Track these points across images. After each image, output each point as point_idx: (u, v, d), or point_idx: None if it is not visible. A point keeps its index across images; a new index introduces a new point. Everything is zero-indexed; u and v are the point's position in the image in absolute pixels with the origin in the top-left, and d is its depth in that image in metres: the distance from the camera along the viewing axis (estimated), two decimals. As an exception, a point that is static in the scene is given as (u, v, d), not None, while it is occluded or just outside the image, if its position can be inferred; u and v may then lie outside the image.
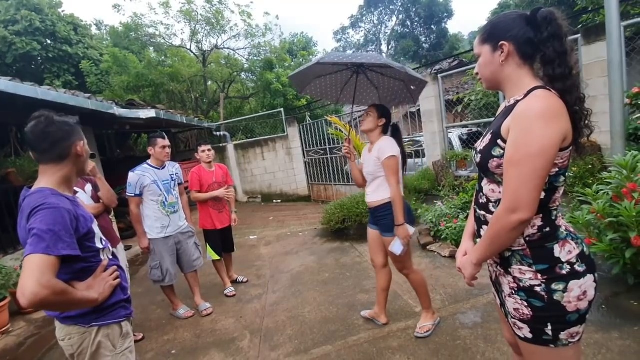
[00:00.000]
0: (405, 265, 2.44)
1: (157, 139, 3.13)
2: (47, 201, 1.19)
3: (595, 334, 2.13)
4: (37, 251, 1.09)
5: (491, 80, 1.18)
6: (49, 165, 1.30)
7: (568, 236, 1.09)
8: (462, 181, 5.22)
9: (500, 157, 1.08)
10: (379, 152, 2.31)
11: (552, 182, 1.06)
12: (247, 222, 7.30)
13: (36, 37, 11.28)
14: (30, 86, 3.83)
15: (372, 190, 2.42)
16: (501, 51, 1.10)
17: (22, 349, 3.15)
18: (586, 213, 2.63)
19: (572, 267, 1.05)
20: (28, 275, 1.06)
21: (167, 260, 3.15)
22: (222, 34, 12.91)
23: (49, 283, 1.07)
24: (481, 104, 6.86)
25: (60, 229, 1.15)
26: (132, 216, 3.11)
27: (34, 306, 1.07)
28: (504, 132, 1.07)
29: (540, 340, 1.08)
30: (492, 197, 1.16)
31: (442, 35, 23.65)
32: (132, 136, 11.34)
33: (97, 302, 1.29)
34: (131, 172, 3.07)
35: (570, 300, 1.04)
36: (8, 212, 4.54)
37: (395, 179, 2.27)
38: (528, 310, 1.08)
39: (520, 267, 1.10)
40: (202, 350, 2.73)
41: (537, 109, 0.99)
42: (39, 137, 1.27)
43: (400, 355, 2.30)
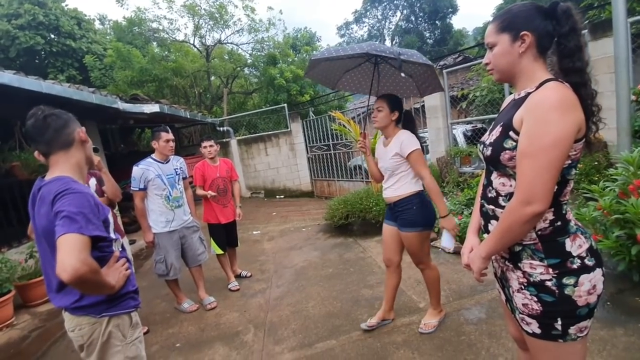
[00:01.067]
0: (423, 259, 2.39)
1: (161, 133, 3.13)
2: (71, 186, 1.24)
3: (600, 330, 2.12)
4: (71, 230, 1.13)
5: (505, 71, 1.14)
6: (58, 155, 1.33)
7: (578, 230, 1.09)
8: (467, 177, 5.20)
9: (512, 149, 1.07)
10: (401, 148, 2.24)
11: (564, 174, 1.05)
12: (251, 217, 7.31)
13: (40, 32, 11.28)
14: (34, 80, 3.83)
15: (391, 185, 2.37)
16: (522, 41, 1.08)
17: (26, 342, 3.17)
18: (592, 210, 2.61)
19: (583, 261, 1.05)
20: (67, 253, 1.10)
21: (172, 254, 3.16)
22: (225, 28, 12.87)
23: (87, 260, 1.13)
24: (486, 100, 6.82)
25: (88, 211, 1.21)
26: (137, 210, 3.12)
27: (73, 282, 1.10)
28: (516, 124, 1.06)
29: (549, 335, 1.08)
30: (502, 191, 1.15)
31: (446, 30, 23.49)
32: (135, 131, 11.36)
33: (114, 290, 1.31)
34: (135, 166, 3.07)
35: (580, 295, 1.03)
36: (12, 205, 4.57)
37: (427, 170, 2.23)
38: (537, 306, 1.08)
39: (531, 261, 1.09)
40: (206, 344, 2.75)
41: (552, 99, 0.98)
42: (42, 127, 1.31)
43: (404, 350, 2.30)
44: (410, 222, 2.29)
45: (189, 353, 2.65)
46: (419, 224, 2.29)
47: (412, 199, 2.29)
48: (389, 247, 2.50)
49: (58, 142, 1.33)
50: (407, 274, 3.39)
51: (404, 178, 2.31)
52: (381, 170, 2.46)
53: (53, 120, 1.32)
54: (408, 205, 2.29)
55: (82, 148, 1.39)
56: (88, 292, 1.28)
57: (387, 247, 2.51)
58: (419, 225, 2.30)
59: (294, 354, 2.45)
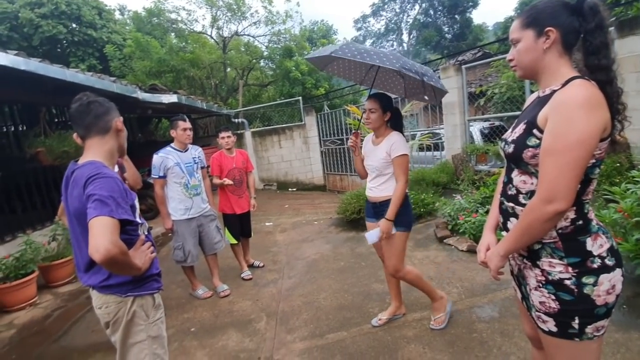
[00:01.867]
0: (398, 268, 2.34)
1: (179, 121, 3.21)
2: (103, 171, 1.29)
3: (615, 333, 2.09)
4: (103, 213, 1.18)
5: (529, 67, 1.13)
6: (94, 139, 1.40)
7: (599, 230, 1.08)
8: (482, 175, 5.13)
9: (535, 147, 1.06)
10: (391, 149, 2.24)
11: (587, 173, 1.04)
12: (263, 209, 7.38)
13: (62, 21, 11.52)
14: (59, 68, 3.93)
15: (377, 186, 2.36)
16: (546, 37, 1.07)
17: (48, 321, 3.32)
18: (613, 212, 2.55)
19: (603, 261, 1.04)
20: (100, 234, 1.16)
21: (190, 241, 3.24)
22: (242, 20, 12.91)
23: (117, 242, 1.18)
24: (504, 97, 6.67)
25: (117, 196, 1.26)
26: (157, 197, 3.20)
27: (105, 262, 1.16)
28: (541, 122, 1.05)
29: (566, 334, 1.08)
30: (523, 189, 1.14)
31: (465, 25, 22.95)
32: (152, 121, 11.56)
33: (141, 272, 1.37)
34: (155, 155, 3.16)
35: (599, 294, 1.03)
36: (37, 190, 4.74)
37: (405, 178, 2.25)
38: (555, 304, 1.08)
39: (551, 259, 1.09)
40: (220, 329, 2.82)
41: (578, 97, 0.97)
42: (84, 112, 1.38)
43: (415, 344, 2.31)
44: (397, 221, 2.26)
45: (204, 338, 2.72)
46: (403, 224, 2.29)
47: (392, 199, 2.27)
48: (376, 244, 2.46)
49: (96, 128, 1.40)
50: (419, 269, 3.39)
51: (391, 179, 2.31)
52: (367, 168, 2.43)
53: (95, 106, 1.40)
54: None
55: (117, 136, 1.46)
56: (117, 272, 1.34)
57: (376, 244, 2.47)
58: (403, 225, 2.29)
59: (305, 343, 2.50)
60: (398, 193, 2.23)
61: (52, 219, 4.53)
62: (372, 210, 2.46)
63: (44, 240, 4.06)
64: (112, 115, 1.44)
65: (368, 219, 2.54)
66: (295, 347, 2.47)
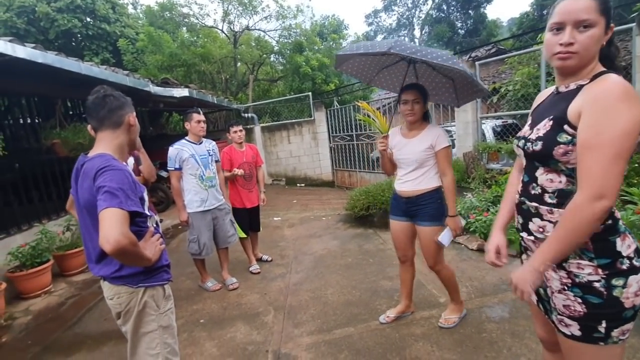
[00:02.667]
0: (439, 258, 2.34)
1: (193, 114, 3.25)
2: (112, 163, 1.31)
3: (632, 337, 2.05)
4: (113, 205, 1.20)
5: (588, 59, 1.02)
6: (106, 132, 1.42)
7: (626, 230, 1.06)
8: (494, 174, 5.05)
9: (567, 144, 1.02)
10: (437, 142, 2.20)
11: None
12: (271, 203, 7.41)
13: (77, 15, 11.65)
14: (74, 61, 3.99)
15: (414, 179, 2.28)
16: (608, 32, 1.03)
17: (63, 308, 3.40)
18: (630, 214, 2.51)
19: (632, 262, 1.02)
20: (110, 226, 1.17)
21: (205, 234, 3.28)
22: (253, 14, 12.87)
23: (128, 233, 1.20)
24: (518, 95, 6.53)
25: (127, 188, 1.28)
26: (173, 189, 3.25)
27: (115, 253, 1.18)
28: (573, 117, 1.01)
29: (590, 338, 1.05)
30: (549, 187, 1.10)
31: (479, 20, 22.52)
32: (163, 115, 11.66)
33: (151, 263, 1.39)
34: (170, 147, 3.22)
35: (628, 297, 1.01)
36: (52, 180, 4.84)
37: (451, 169, 2.23)
38: (581, 307, 1.04)
39: (580, 261, 1.05)
40: (228, 321, 2.85)
41: (618, 90, 0.94)
42: (99, 105, 1.41)
43: (423, 342, 2.30)
44: (432, 216, 2.26)
45: (213, 329, 2.76)
46: (441, 219, 2.27)
47: (435, 193, 2.27)
48: (402, 242, 2.45)
49: (108, 121, 1.42)
50: (427, 268, 3.37)
51: (429, 172, 2.26)
52: (399, 161, 2.36)
53: (110, 100, 1.42)
54: (432, 200, 2.25)
55: (128, 131, 1.48)
56: (127, 263, 1.36)
57: (401, 243, 2.46)
58: (440, 220, 2.27)
59: (312, 338, 2.51)
60: (452, 186, 2.20)
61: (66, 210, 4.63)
62: (403, 207, 2.36)
63: (58, 229, 4.16)
64: (126, 110, 1.46)
65: (395, 217, 2.44)
66: (302, 341, 2.49)
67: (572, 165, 1.04)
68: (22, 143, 5.43)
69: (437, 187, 2.27)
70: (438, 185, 2.28)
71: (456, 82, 2.41)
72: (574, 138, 1.01)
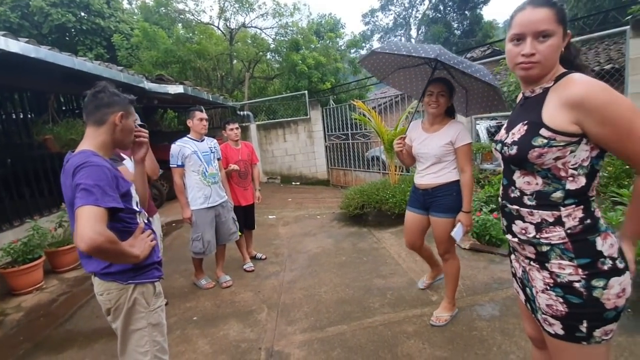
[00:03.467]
0: (450, 248, 2.42)
1: (196, 112, 3.27)
2: (90, 159, 1.29)
3: (619, 336, 2.09)
4: (88, 202, 1.18)
5: (548, 68, 1.07)
6: (91, 129, 1.42)
7: (608, 229, 1.06)
8: (488, 174, 5.10)
9: (542, 147, 1.04)
10: (457, 138, 2.24)
11: (593, 164, 1.03)
12: (266, 202, 7.40)
13: (71, 9, 11.51)
14: (68, 56, 3.95)
15: (434, 172, 2.35)
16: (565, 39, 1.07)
17: (54, 305, 3.37)
18: (620, 214, 2.54)
19: (614, 263, 1.02)
20: (85, 224, 1.16)
21: (208, 232, 3.28)
22: (250, 12, 12.81)
23: (104, 231, 1.18)
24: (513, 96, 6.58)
25: (105, 184, 1.25)
26: (176, 187, 3.23)
27: (90, 251, 1.16)
28: (549, 120, 1.04)
29: (573, 338, 1.06)
30: (527, 190, 1.13)
31: (475, 21, 22.64)
32: (158, 111, 11.58)
33: (139, 259, 1.37)
34: (173, 144, 3.21)
35: (609, 298, 1.01)
36: (44, 176, 4.79)
37: (471, 166, 2.28)
38: (563, 307, 1.06)
39: (560, 261, 1.06)
40: (221, 319, 2.85)
41: (596, 83, 0.99)
42: (89, 100, 1.40)
43: (414, 340, 2.33)
44: (448, 208, 2.33)
45: (205, 327, 2.76)
46: (455, 211, 2.33)
47: (453, 186, 2.32)
48: (413, 233, 2.57)
49: (93, 117, 1.41)
50: (421, 267, 3.40)
51: (449, 165, 2.32)
52: (418, 155, 2.41)
53: (100, 97, 1.40)
54: (448, 192, 2.32)
55: (113, 131, 1.43)
56: (110, 260, 1.35)
57: (412, 233, 2.58)
58: (454, 212, 2.33)
59: (305, 335, 2.52)
60: (469, 183, 2.25)
61: (58, 206, 4.59)
62: (421, 199, 2.44)
63: (50, 226, 4.12)
64: (113, 109, 1.42)
65: (411, 208, 2.54)
66: (295, 338, 2.50)
67: (547, 166, 1.06)
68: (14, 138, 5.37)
69: (455, 181, 2.32)
70: (456, 179, 2.32)
71: (469, 92, 2.46)
72: (550, 141, 1.03)
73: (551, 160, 1.05)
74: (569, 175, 1.05)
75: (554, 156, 1.04)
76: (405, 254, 3.78)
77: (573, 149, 1.03)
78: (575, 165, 1.04)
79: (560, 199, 1.07)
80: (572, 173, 1.05)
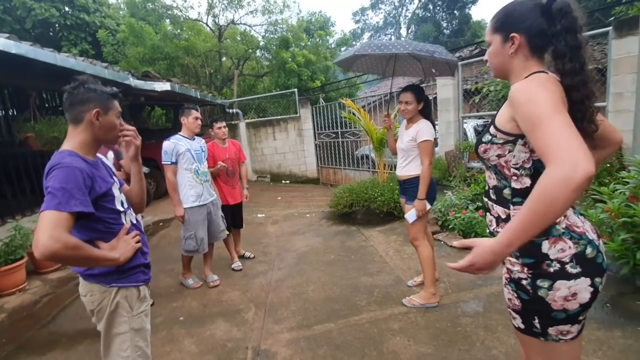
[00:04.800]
0: (416, 236, 2.65)
1: (191, 110, 3.26)
2: (62, 161, 1.25)
3: (597, 331, 2.14)
4: (49, 207, 1.14)
5: (498, 69, 1.16)
6: (70, 127, 1.38)
7: (565, 235, 1.01)
8: (474, 173, 5.17)
9: (486, 143, 1.10)
10: (417, 134, 2.54)
11: (537, 166, 1.03)
12: (255, 200, 7.37)
13: (55, 4, 11.22)
14: (49, 52, 3.85)
15: (403, 166, 2.70)
16: (511, 43, 1.07)
17: (37, 306, 3.31)
18: (600, 211, 2.60)
19: (563, 267, 1.00)
20: (41, 230, 1.11)
21: (201, 229, 3.26)
22: (239, 8, 12.70)
23: (61, 237, 1.11)
24: (500, 95, 6.67)
25: (72, 187, 1.19)
26: (169, 184, 3.18)
27: (46, 258, 1.12)
28: (498, 119, 1.08)
29: (532, 332, 1.09)
30: (489, 184, 1.18)
31: (464, 21, 22.87)
32: (145, 108, 11.39)
33: (119, 262, 1.34)
34: (166, 141, 3.17)
35: (555, 299, 1.00)
36: (26, 175, 4.67)
37: (429, 160, 2.54)
38: (518, 302, 1.09)
39: (510, 258, 1.09)
40: (208, 319, 2.83)
41: (524, 81, 1.00)
42: (65, 96, 1.36)
43: (400, 337, 2.35)
44: (414, 197, 2.61)
45: (192, 326, 2.74)
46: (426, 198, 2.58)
47: (418, 178, 2.59)
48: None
49: (70, 116, 1.36)
50: (408, 265, 3.44)
51: (414, 160, 2.63)
52: (397, 148, 2.78)
53: (75, 94, 1.34)
54: (414, 184, 2.61)
55: (90, 129, 1.36)
56: (77, 265, 1.31)
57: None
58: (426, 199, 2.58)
59: (292, 334, 2.52)
60: (424, 174, 2.54)
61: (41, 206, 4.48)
62: (401, 188, 2.83)
63: (33, 226, 4.01)
64: (88, 106, 1.34)
65: (402, 196, 2.87)
66: (282, 337, 2.50)
67: (493, 163, 1.11)
68: (-6, 136, 5.23)
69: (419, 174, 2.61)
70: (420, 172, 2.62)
71: (422, 63, 3.00)
72: (493, 138, 1.08)
73: (495, 157, 1.09)
74: (512, 175, 1.08)
75: (496, 154, 1.09)
76: (393, 251, 3.81)
77: (510, 148, 1.05)
78: (516, 166, 1.06)
79: (509, 196, 1.10)
80: (515, 173, 1.07)
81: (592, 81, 1.02)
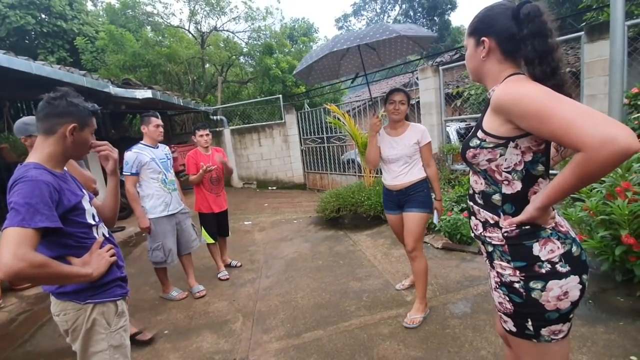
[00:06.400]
0: (417, 246, 2.50)
1: (151, 118, 3.13)
2: (27, 174, 1.19)
3: (582, 327, 2.19)
4: (13, 224, 1.08)
5: (473, 73, 1.18)
6: (40, 138, 1.32)
7: (553, 235, 1.04)
8: (458, 175, 5.25)
9: (475, 148, 1.09)
10: (422, 137, 2.50)
11: (528, 168, 1.04)
12: (242, 207, 7.29)
13: (30, 11, 10.92)
14: (24, 60, 3.73)
15: (406, 172, 2.53)
16: (482, 47, 1.09)
17: (14, 325, 3.15)
18: (579, 210, 2.67)
19: (553, 267, 1.02)
20: (3, 248, 1.05)
21: (170, 240, 3.16)
22: (221, 15, 12.65)
23: (25, 256, 1.05)
24: (480, 99, 6.85)
25: (37, 201, 1.14)
26: (129, 195, 3.04)
27: (10, 278, 1.06)
28: (485, 123, 1.07)
29: (524, 335, 1.09)
30: (476, 188, 1.17)
31: (444, 27, 23.40)
32: (127, 117, 11.17)
33: (92, 278, 1.28)
34: (128, 151, 3.04)
35: (548, 300, 1.02)
36: (1, 188, 4.49)
37: (434, 161, 2.58)
38: (509, 305, 1.09)
39: (501, 262, 1.10)
40: (194, 331, 2.76)
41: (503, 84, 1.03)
42: (42, 105, 1.31)
43: (390, 341, 2.34)
44: (421, 203, 2.50)
45: (177, 340, 2.66)
46: (427, 206, 2.52)
47: (423, 183, 2.54)
48: (402, 233, 2.62)
49: (42, 127, 1.30)
50: (396, 268, 3.44)
51: (417, 164, 2.54)
52: (389, 159, 2.56)
53: (55, 105, 1.30)
54: (420, 188, 2.52)
55: (62, 143, 1.32)
56: (47, 284, 1.25)
57: (401, 233, 2.64)
58: (427, 207, 2.52)
59: (281, 343, 2.48)
60: (436, 175, 2.54)
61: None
62: (395, 200, 2.59)
63: (7, 241, 3.85)
64: (65, 119, 1.30)
65: (390, 212, 2.67)
66: (271, 347, 2.45)
67: (483, 167, 1.10)
68: (-35, 148, 5.00)
69: (424, 177, 2.55)
70: (424, 176, 2.55)
71: (378, 50, 2.96)
72: (482, 142, 1.07)
73: (485, 162, 1.08)
74: (504, 179, 1.07)
75: (486, 158, 1.07)
76: (381, 255, 3.82)
77: (502, 151, 1.04)
78: (508, 169, 1.05)
79: (499, 202, 1.09)
80: (507, 177, 1.06)
81: (568, 84, 1.02)
